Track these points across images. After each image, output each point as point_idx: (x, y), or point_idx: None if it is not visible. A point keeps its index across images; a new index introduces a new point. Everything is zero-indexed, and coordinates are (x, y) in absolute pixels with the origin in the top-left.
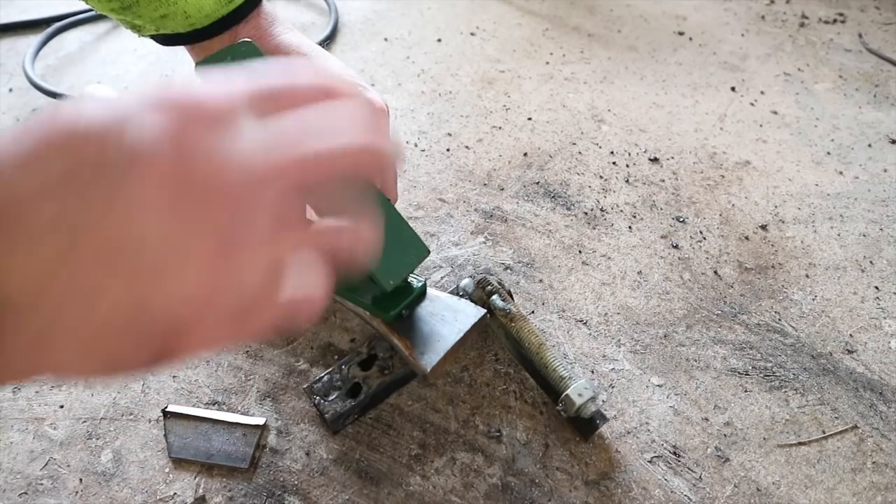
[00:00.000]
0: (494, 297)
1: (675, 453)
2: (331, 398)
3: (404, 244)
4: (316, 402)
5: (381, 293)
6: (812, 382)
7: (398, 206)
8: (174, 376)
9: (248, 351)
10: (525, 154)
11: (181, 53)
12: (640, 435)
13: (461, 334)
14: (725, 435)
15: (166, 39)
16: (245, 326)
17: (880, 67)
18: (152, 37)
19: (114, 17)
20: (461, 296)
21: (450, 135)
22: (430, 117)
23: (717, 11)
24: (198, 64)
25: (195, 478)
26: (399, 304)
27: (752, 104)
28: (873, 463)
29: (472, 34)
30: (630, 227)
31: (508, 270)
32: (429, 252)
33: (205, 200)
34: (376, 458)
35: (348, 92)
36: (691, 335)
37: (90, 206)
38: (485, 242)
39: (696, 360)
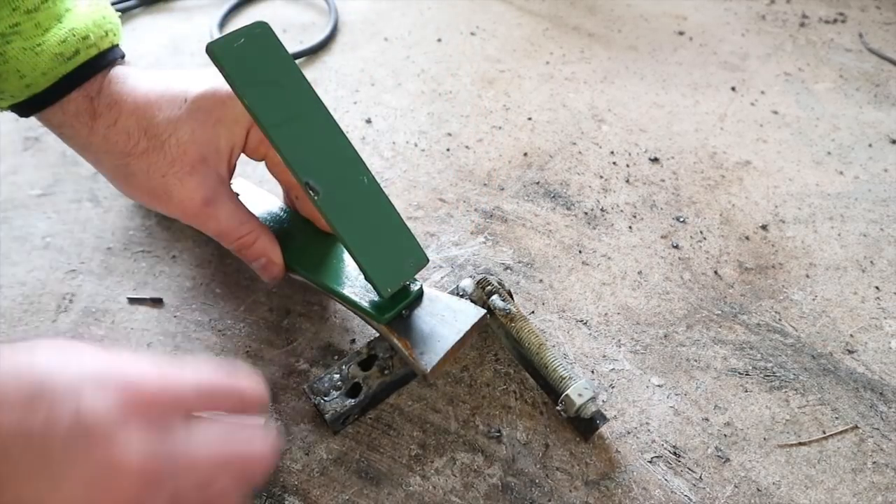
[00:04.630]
0: (494, 297)
1: (675, 453)
2: (331, 398)
3: (403, 251)
4: (316, 402)
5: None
6: (812, 382)
7: (398, 205)
8: None
9: (248, 351)
10: (525, 154)
11: (180, 55)
12: (640, 435)
13: (461, 334)
14: (725, 435)
15: (16, 109)
16: None
17: (881, 67)
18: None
19: None
20: (461, 296)
21: (450, 135)
22: (430, 117)
23: (717, 11)
24: (209, 45)
25: None
26: (394, 308)
27: (752, 104)
28: (874, 463)
29: (472, 34)
30: (630, 227)
31: (508, 270)
32: (428, 260)
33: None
34: (376, 458)
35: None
36: (691, 335)
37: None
38: (485, 242)
39: (696, 360)
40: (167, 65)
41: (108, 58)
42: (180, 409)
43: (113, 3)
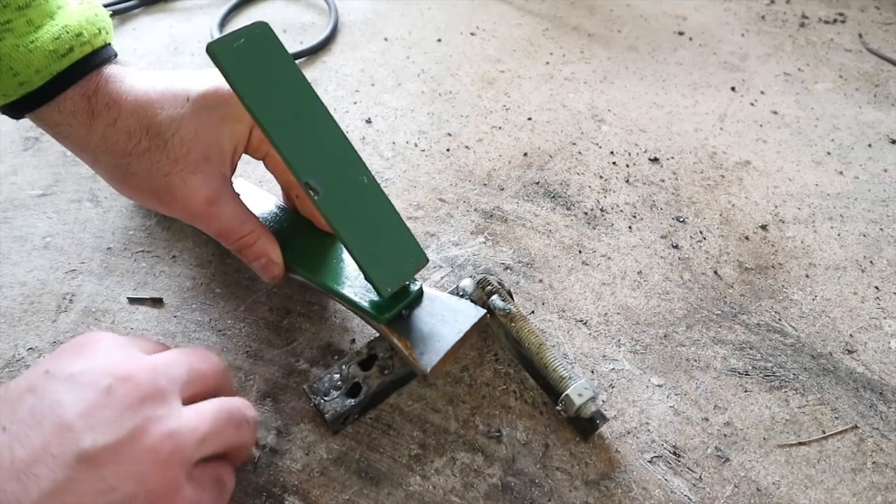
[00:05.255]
0: (494, 297)
1: (675, 453)
2: (331, 398)
3: (403, 251)
4: (316, 402)
5: (377, 297)
6: (812, 382)
7: (398, 205)
8: None
9: (248, 351)
10: (525, 154)
11: (180, 55)
12: (640, 435)
13: (461, 334)
14: (725, 435)
15: (8, 109)
16: None
17: (880, 67)
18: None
19: None
20: (461, 296)
21: (450, 135)
22: (430, 117)
23: (717, 11)
24: (209, 45)
25: None
26: (394, 308)
27: (752, 104)
28: (873, 463)
29: (472, 34)
30: (630, 227)
31: (508, 270)
32: (427, 261)
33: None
34: (376, 458)
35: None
36: (691, 335)
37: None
38: (485, 242)
39: (696, 360)
40: (167, 65)
41: (102, 56)
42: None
43: (114, 3)
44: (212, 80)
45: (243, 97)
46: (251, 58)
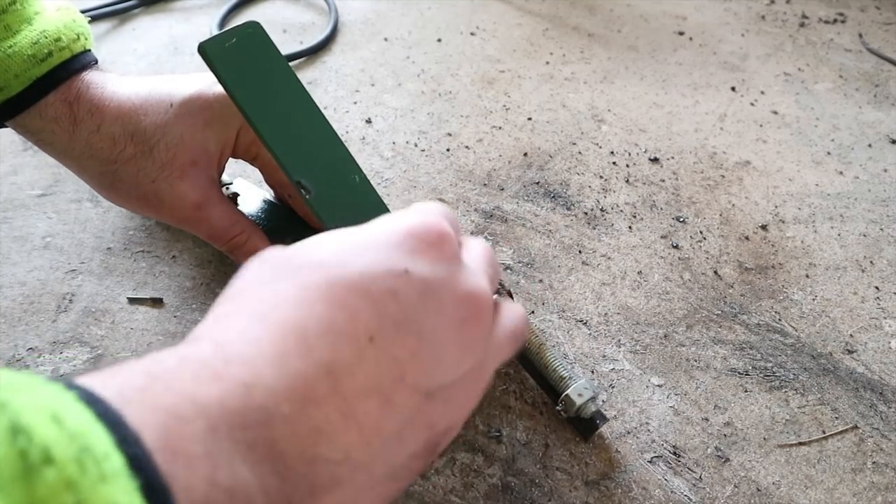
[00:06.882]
0: (494, 297)
1: (675, 453)
2: None
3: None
4: None
5: None
6: (812, 382)
7: (398, 205)
8: None
9: None
10: (525, 154)
11: (180, 55)
12: (640, 435)
13: None
14: (725, 435)
15: None
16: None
17: (880, 67)
18: None
19: None
20: None
21: (450, 135)
22: (430, 117)
23: (717, 11)
24: (201, 44)
25: None
26: None
27: (752, 104)
28: (873, 463)
29: (472, 34)
30: (630, 227)
31: (508, 270)
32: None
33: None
34: None
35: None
36: (691, 335)
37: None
38: None
39: (696, 360)
40: (167, 65)
41: (81, 61)
42: None
43: (114, 3)
44: (194, 84)
45: (235, 96)
46: (243, 57)
